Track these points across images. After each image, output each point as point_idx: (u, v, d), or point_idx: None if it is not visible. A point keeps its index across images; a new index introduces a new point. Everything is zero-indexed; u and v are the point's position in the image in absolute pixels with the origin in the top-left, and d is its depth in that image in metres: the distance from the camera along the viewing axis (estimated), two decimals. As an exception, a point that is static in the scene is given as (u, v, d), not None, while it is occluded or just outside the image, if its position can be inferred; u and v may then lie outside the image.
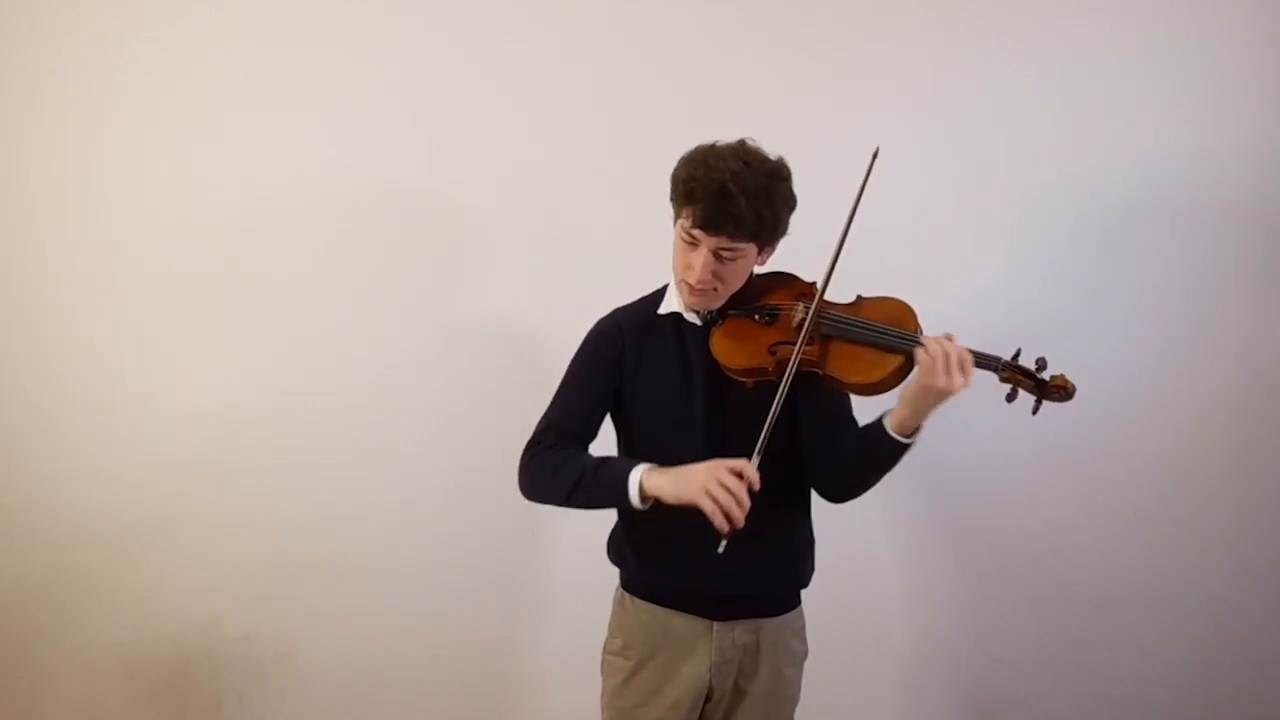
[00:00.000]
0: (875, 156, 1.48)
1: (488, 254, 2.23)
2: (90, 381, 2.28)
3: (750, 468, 1.36)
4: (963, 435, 2.16)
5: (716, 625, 1.59)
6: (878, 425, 1.45)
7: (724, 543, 1.35)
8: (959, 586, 2.26)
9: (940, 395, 1.36)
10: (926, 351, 1.37)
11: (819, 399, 1.54)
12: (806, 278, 1.59)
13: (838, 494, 1.58)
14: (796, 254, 1.58)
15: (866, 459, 1.49)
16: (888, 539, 2.27)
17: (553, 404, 1.60)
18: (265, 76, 2.21)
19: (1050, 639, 2.26)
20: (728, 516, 1.33)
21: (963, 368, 1.36)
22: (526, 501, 1.56)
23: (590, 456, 1.53)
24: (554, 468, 1.50)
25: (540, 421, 1.59)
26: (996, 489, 2.22)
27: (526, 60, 2.20)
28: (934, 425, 1.43)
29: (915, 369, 1.40)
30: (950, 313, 2.14)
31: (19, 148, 2.24)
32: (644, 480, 1.41)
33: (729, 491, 1.33)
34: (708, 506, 1.33)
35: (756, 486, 1.35)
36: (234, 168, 2.23)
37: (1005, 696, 2.28)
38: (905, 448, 1.44)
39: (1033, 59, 2.14)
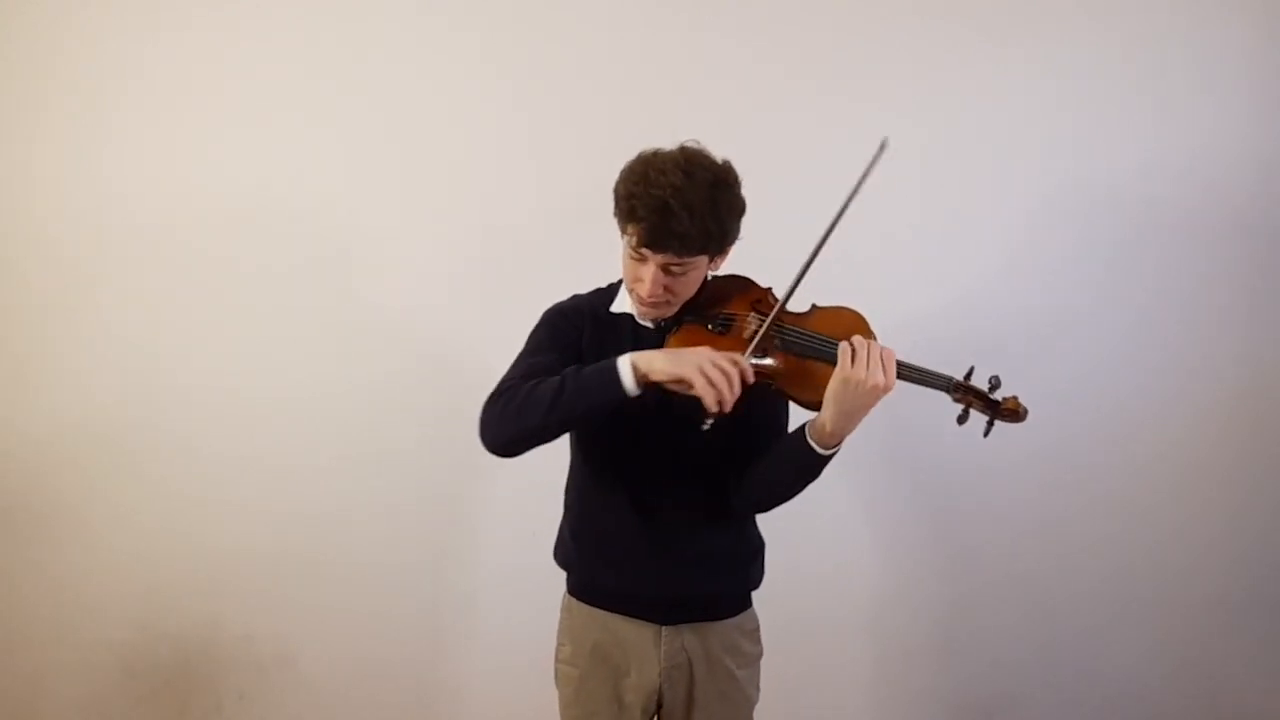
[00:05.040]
0: (882, 148, 1.36)
1: (493, 254, 2.23)
2: (88, 378, 2.28)
3: (744, 361, 1.33)
4: (962, 436, 2.16)
5: (665, 630, 1.55)
6: (798, 432, 1.40)
7: (709, 422, 1.33)
8: (958, 587, 2.27)
9: (861, 393, 1.30)
10: (849, 344, 1.32)
11: (759, 406, 1.45)
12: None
13: (745, 503, 1.53)
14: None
15: (781, 467, 1.45)
16: (888, 540, 2.27)
17: (515, 365, 1.50)
18: (265, 76, 2.22)
19: (1050, 639, 2.26)
20: (720, 398, 1.29)
21: (884, 364, 1.31)
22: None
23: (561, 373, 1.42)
24: (527, 393, 1.38)
25: (502, 380, 1.47)
26: (997, 490, 2.22)
27: (529, 60, 2.20)
28: (935, 425, 1.41)
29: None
30: (947, 317, 2.16)
31: (17, 146, 2.25)
32: (635, 360, 1.34)
33: (723, 374, 1.29)
34: (699, 382, 1.29)
35: (750, 379, 1.33)
36: (234, 165, 2.23)
37: (1005, 697, 2.29)
38: (822, 460, 1.38)
39: (1033, 62, 2.14)
